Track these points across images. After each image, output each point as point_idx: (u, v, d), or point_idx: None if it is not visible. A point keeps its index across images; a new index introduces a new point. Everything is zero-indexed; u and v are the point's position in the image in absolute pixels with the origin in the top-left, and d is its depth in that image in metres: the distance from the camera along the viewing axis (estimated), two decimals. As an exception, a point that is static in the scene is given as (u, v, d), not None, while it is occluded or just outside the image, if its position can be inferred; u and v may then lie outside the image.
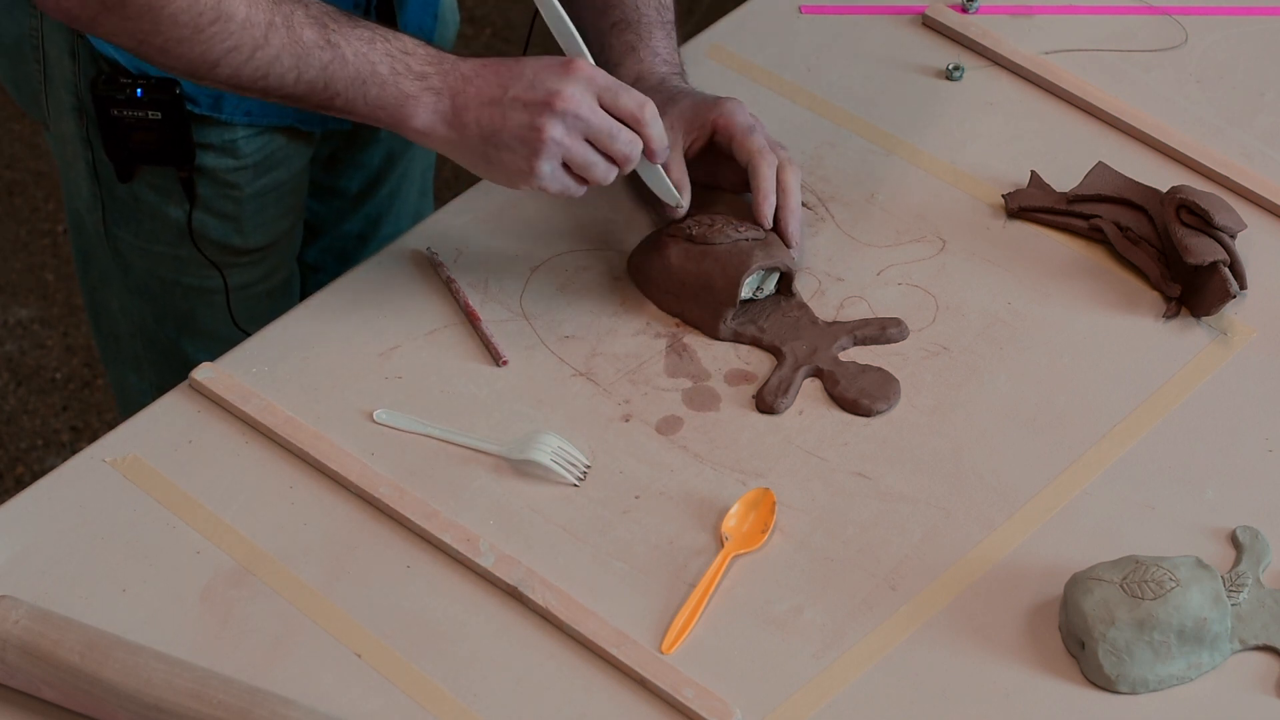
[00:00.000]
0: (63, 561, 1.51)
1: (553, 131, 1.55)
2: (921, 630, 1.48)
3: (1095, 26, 1.92)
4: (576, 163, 1.57)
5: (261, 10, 1.51)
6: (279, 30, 1.52)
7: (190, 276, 1.86)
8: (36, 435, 2.81)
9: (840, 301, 1.69)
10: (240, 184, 1.79)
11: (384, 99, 1.55)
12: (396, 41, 1.56)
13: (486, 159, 1.57)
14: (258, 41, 1.52)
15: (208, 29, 1.50)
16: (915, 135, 1.82)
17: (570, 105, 1.54)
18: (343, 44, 1.54)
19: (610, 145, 1.57)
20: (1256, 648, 1.47)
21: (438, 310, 1.68)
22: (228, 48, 1.51)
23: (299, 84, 1.54)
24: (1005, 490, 1.56)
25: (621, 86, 1.57)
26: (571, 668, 1.45)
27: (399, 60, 1.55)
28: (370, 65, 1.55)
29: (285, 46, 1.52)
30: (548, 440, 1.57)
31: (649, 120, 1.58)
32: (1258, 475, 1.57)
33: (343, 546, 1.52)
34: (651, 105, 1.58)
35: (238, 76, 1.53)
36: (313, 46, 1.53)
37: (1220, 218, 1.66)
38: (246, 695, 1.38)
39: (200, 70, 1.53)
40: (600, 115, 1.56)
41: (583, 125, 1.55)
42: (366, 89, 1.55)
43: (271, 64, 1.53)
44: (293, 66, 1.53)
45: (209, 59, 1.52)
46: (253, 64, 1.53)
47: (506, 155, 1.56)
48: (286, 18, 1.52)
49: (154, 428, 1.59)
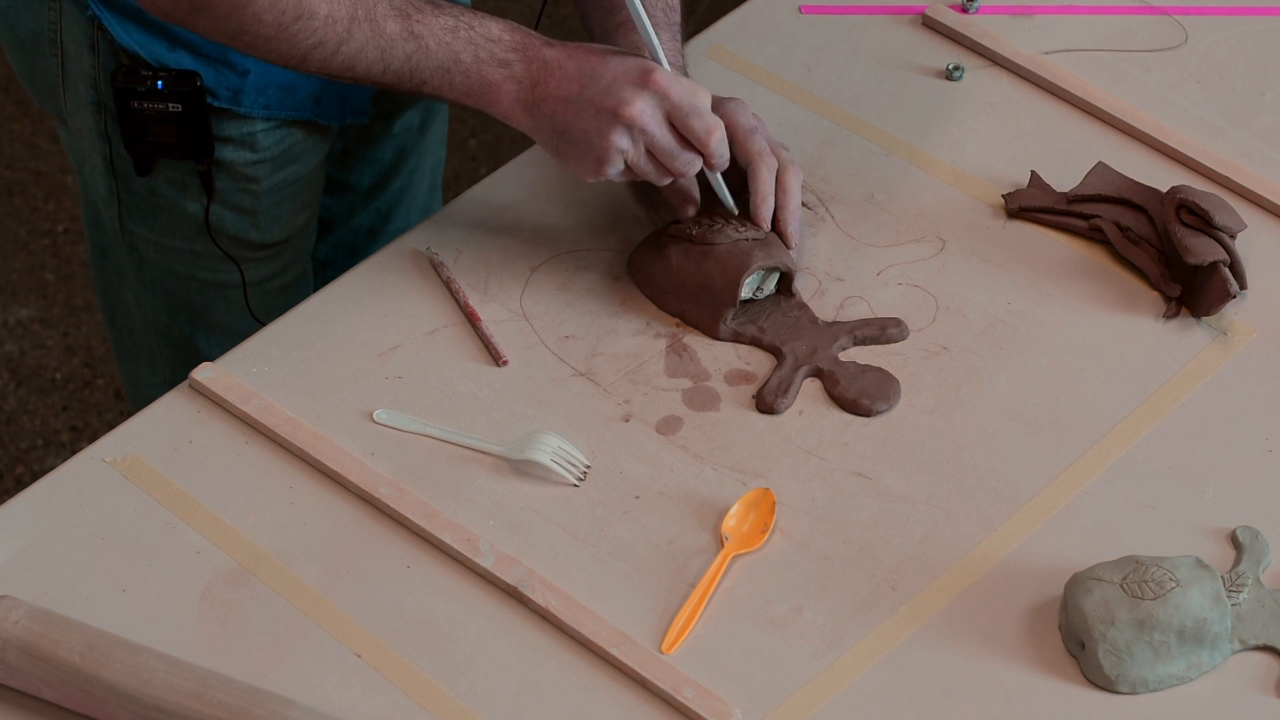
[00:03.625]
0: (63, 561, 1.51)
1: (618, 142, 1.58)
2: (921, 630, 1.48)
3: (1095, 26, 1.92)
4: (637, 169, 1.60)
5: (343, 6, 1.55)
6: (361, 25, 1.55)
7: (206, 271, 1.86)
8: (36, 435, 2.81)
9: (840, 301, 1.69)
10: (258, 177, 1.79)
11: (469, 86, 1.59)
12: (481, 28, 1.59)
13: (558, 151, 1.61)
14: (341, 37, 1.55)
15: (291, 26, 1.54)
16: (915, 135, 1.82)
17: (638, 119, 1.57)
18: (426, 34, 1.57)
19: (670, 163, 1.60)
20: (1256, 648, 1.47)
21: (438, 310, 1.68)
22: (312, 44, 1.55)
23: (386, 74, 1.58)
24: (1005, 490, 1.56)
25: (694, 108, 1.59)
26: (571, 668, 1.45)
27: (483, 48, 1.58)
28: (454, 55, 1.58)
29: (369, 40, 1.56)
30: (548, 440, 1.57)
31: (714, 148, 1.60)
32: (1258, 475, 1.57)
33: (343, 546, 1.52)
34: (720, 132, 1.60)
35: (326, 68, 1.58)
36: (396, 39, 1.57)
37: (1220, 218, 1.66)
38: (246, 695, 1.38)
39: (291, 63, 1.57)
40: (664, 134, 1.58)
41: (647, 139, 1.58)
42: (451, 77, 1.58)
43: (357, 57, 1.57)
44: (378, 59, 1.57)
45: (296, 54, 1.56)
46: (339, 58, 1.57)
47: (575, 152, 1.59)
48: (369, 10, 1.56)
49: (154, 428, 1.59)
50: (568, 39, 1.62)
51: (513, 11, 3.29)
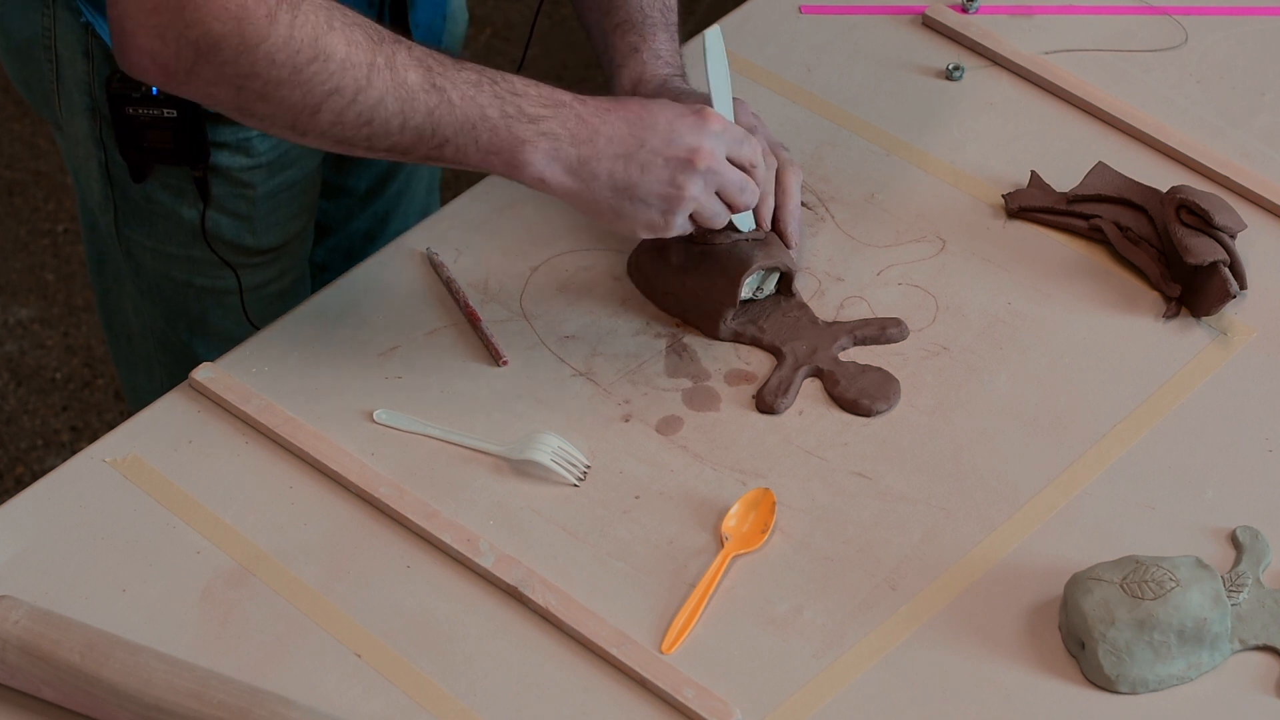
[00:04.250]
0: (63, 561, 1.51)
1: (693, 189, 1.54)
2: (921, 630, 1.48)
3: (1095, 26, 1.92)
4: (705, 214, 1.56)
5: (362, 51, 1.45)
6: (381, 72, 1.46)
7: (203, 277, 1.86)
8: (36, 435, 2.82)
9: (840, 301, 1.69)
10: (254, 183, 1.79)
11: (496, 144, 1.49)
12: (505, 83, 1.50)
13: (617, 211, 1.54)
14: (360, 84, 1.45)
15: (306, 69, 1.44)
16: (915, 135, 1.82)
17: (710, 163, 1.54)
18: (448, 87, 1.47)
19: (738, 198, 1.57)
20: (1256, 648, 1.47)
21: (438, 310, 1.68)
22: (328, 90, 1.45)
23: (405, 131, 1.47)
24: (1005, 490, 1.56)
25: (742, 135, 1.57)
26: (571, 668, 1.45)
27: (509, 102, 1.49)
28: (479, 109, 1.48)
29: (389, 89, 1.46)
30: (548, 440, 1.57)
31: (760, 167, 1.59)
32: (1258, 475, 1.57)
33: (343, 546, 1.52)
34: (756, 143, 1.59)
35: (341, 123, 1.46)
36: (418, 90, 1.47)
37: (1220, 218, 1.66)
38: (246, 695, 1.38)
39: (303, 117, 1.46)
40: (732, 170, 1.56)
41: (718, 180, 1.55)
42: (477, 134, 1.48)
43: (375, 108, 1.46)
44: (398, 111, 1.46)
45: (310, 103, 1.45)
46: (355, 108, 1.46)
47: (641, 209, 1.54)
48: (389, 59, 1.46)
49: (154, 428, 1.59)
50: (567, 39, 1.61)
51: (513, 11, 3.29)
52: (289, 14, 1.43)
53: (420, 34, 1.80)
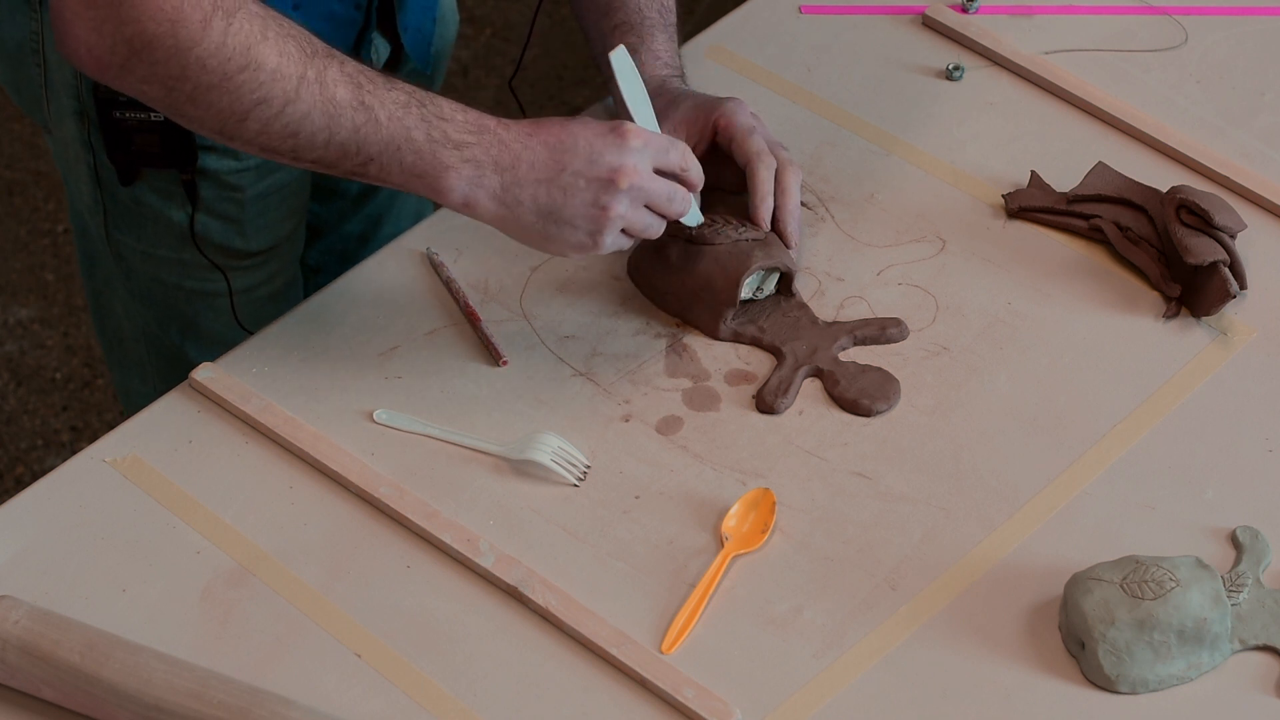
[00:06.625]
0: (63, 561, 1.51)
1: (618, 208, 1.53)
2: (921, 630, 1.48)
3: (1095, 26, 1.92)
4: (636, 229, 1.56)
5: (293, 63, 1.46)
6: (311, 85, 1.47)
7: (193, 280, 1.85)
8: (36, 435, 2.82)
9: (840, 301, 1.69)
10: (243, 186, 1.78)
11: (420, 167, 1.50)
12: (433, 106, 1.51)
13: (544, 235, 1.54)
14: (288, 95, 1.46)
15: (236, 76, 1.45)
16: (915, 135, 1.82)
17: (634, 179, 1.53)
18: (376, 106, 1.48)
19: (668, 208, 1.57)
20: (1256, 648, 1.47)
21: (438, 310, 1.68)
22: (257, 99, 1.46)
23: (330, 146, 1.49)
24: (1005, 490, 1.56)
25: (667, 144, 1.56)
26: (571, 668, 1.45)
27: (435, 127, 1.50)
28: (405, 130, 1.49)
29: (317, 104, 1.47)
30: (548, 440, 1.57)
31: (692, 169, 1.58)
32: (1258, 475, 1.57)
33: (343, 546, 1.52)
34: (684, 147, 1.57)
35: (267, 132, 1.48)
36: (345, 106, 1.48)
37: (1220, 218, 1.66)
38: (246, 695, 1.38)
39: (230, 124, 1.48)
40: (657, 181, 1.55)
41: (644, 195, 1.54)
42: (402, 155, 1.49)
43: (302, 121, 1.47)
44: (324, 126, 1.48)
45: (237, 110, 1.46)
46: (282, 119, 1.47)
47: (568, 231, 1.54)
48: (319, 73, 1.47)
49: (154, 428, 1.59)
50: (567, 39, 1.61)
51: (513, 11, 3.29)
52: (224, 21, 1.44)
53: (409, 37, 1.80)
